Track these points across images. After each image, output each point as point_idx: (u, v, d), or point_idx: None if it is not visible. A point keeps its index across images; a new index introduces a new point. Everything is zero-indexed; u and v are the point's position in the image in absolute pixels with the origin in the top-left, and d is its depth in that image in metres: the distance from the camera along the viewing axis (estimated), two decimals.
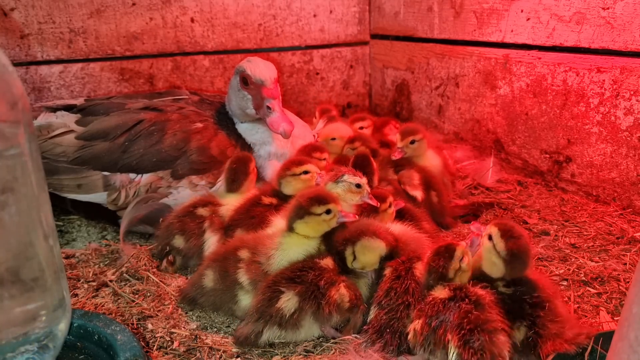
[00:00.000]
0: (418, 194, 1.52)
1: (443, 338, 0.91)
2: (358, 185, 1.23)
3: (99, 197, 1.49)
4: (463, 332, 0.89)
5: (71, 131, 1.52)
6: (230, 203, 1.38)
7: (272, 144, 1.61)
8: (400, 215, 1.33)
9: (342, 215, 1.12)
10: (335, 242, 1.11)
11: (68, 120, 1.56)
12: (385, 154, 1.68)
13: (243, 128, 1.62)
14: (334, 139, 1.74)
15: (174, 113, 1.57)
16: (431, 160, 1.66)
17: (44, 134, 1.52)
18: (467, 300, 0.93)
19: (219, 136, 1.56)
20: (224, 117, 1.64)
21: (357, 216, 1.16)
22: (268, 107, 1.50)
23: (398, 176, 1.57)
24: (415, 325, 0.96)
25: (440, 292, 0.96)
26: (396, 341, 0.99)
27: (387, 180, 1.56)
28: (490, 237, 1.02)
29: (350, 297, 1.05)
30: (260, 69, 1.52)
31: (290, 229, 1.12)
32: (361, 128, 1.98)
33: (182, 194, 1.48)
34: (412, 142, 1.60)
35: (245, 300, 1.13)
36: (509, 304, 0.99)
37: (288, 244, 1.11)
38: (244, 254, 1.15)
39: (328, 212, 1.10)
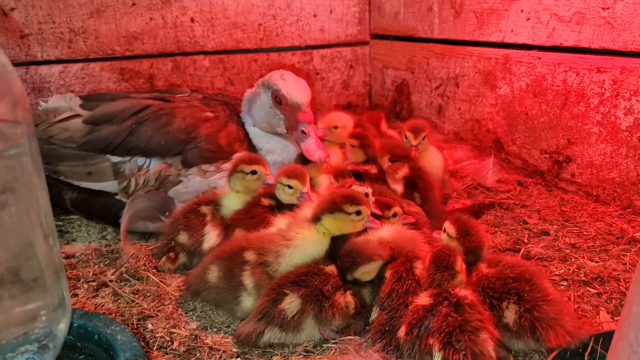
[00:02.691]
0: (398, 187, 1.52)
1: (426, 343, 0.91)
2: (366, 195, 1.25)
3: (110, 185, 1.49)
4: (443, 334, 0.89)
5: (77, 115, 1.52)
6: (230, 206, 1.38)
7: (279, 154, 1.61)
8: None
9: (369, 220, 1.14)
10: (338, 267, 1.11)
11: (74, 103, 1.56)
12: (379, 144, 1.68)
13: (254, 132, 1.62)
14: (336, 127, 1.73)
15: (182, 102, 1.57)
16: (431, 158, 1.66)
17: (50, 118, 1.52)
18: (446, 302, 0.94)
19: (228, 128, 1.55)
20: (233, 114, 1.64)
21: (382, 224, 1.18)
22: (303, 132, 1.49)
23: (387, 167, 1.58)
24: (400, 333, 0.97)
25: (422, 299, 0.98)
26: (395, 341, 0.99)
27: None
28: (444, 230, 1.18)
29: (356, 304, 1.07)
30: (297, 91, 1.49)
31: (316, 219, 1.12)
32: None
33: (193, 182, 1.48)
34: (423, 138, 1.62)
35: (247, 302, 1.13)
36: (494, 283, 1.02)
37: (304, 237, 1.11)
38: (250, 255, 1.14)
39: (358, 213, 1.11)
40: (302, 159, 1.55)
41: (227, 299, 1.15)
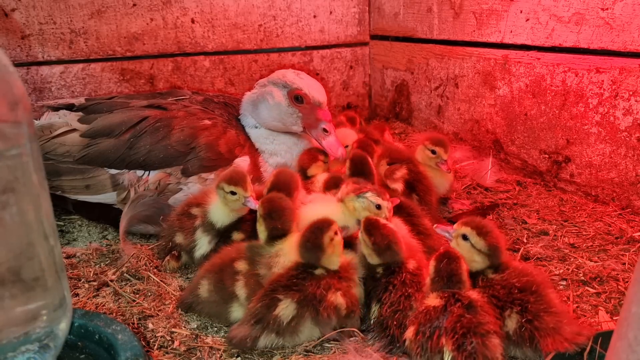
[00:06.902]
0: (398, 186, 1.52)
1: (437, 343, 0.91)
2: (378, 207, 1.21)
3: (108, 197, 1.48)
4: (457, 336, 0.89)
5: (74, 130, 1.51)
6: (216, 217, 1.36)
7: (282, 156, 1.61)
8: (400, 211, 1.33)
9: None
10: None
11: (70, 119, 1.54)
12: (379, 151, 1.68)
13: (256, 134, 1.61)
14: (346, 146, 1.74)
15: (179, 111, 1.55)
16: (444, 173, 1.64)
17: (46, 134, 1.51)
18: (459, 304, 0.94)
19: (227, 134, 1.54)
20: (232, 117, 1.63)
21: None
22: (324, 130, 1.55)
23: (385, 170, 1.57)
24: (408, 334, 0.97)
25: (433, 301, 0.97)
26: (400, 339, 0.99)
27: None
28: (465, 237, 1.07)
29: (347, 303, 1.06)
30: (317, 90, 1.56)
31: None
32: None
33: (193, 189, 1.48)
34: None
35: (238, 312, 1.12)
36: (499, 291, 1.00)
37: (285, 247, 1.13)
38: (241, 265, 1.14)
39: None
40: (307, 157, 1.56)
41: (220, 311, 1.14)
